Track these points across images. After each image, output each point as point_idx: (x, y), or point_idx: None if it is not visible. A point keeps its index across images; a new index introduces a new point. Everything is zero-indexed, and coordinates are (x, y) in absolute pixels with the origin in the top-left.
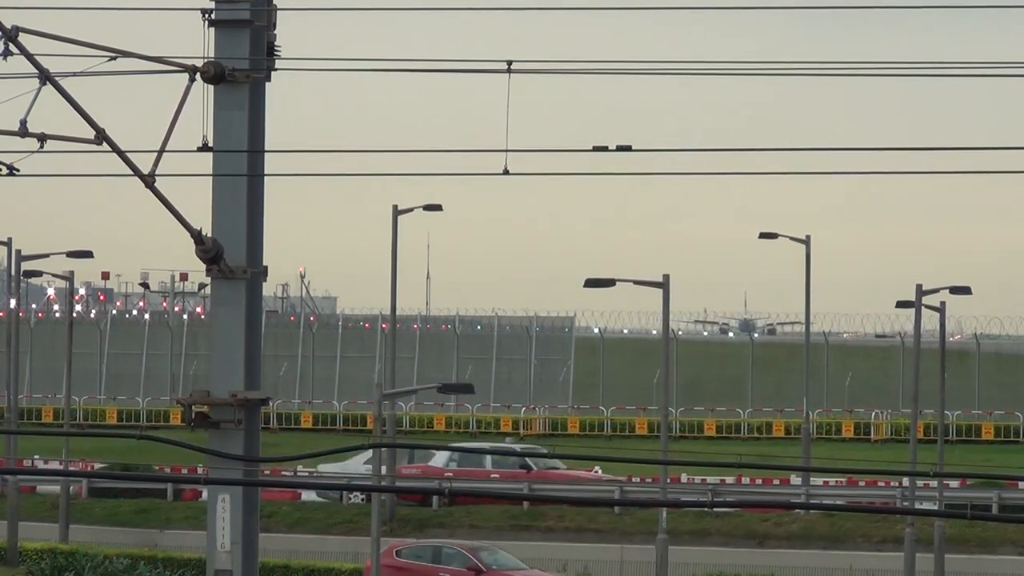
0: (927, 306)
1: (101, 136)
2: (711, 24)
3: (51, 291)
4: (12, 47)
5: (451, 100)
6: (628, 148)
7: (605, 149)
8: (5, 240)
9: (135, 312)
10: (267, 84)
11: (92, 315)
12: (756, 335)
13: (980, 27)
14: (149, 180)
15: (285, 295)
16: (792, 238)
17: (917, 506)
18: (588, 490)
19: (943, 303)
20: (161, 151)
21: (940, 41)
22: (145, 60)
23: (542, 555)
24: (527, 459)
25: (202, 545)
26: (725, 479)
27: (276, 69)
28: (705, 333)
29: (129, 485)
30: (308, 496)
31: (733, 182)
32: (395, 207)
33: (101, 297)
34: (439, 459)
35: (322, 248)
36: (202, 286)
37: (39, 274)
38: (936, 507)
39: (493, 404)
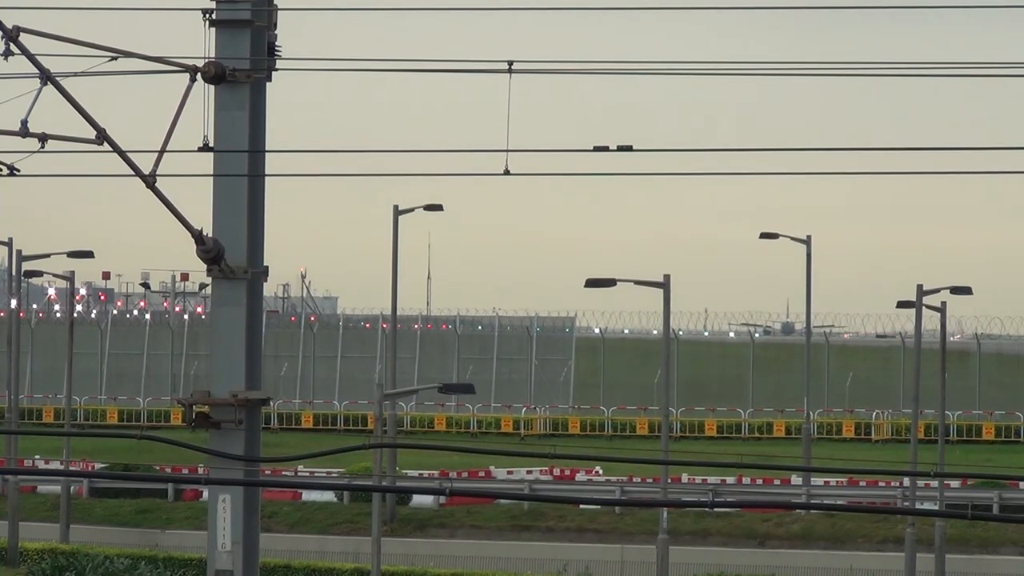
0: (928, 306)
1: (102, 136)
2: (711, 24)
3: (52, 291)
4: (13, 47)
5: (452, 100)
6: (629, 148)
7: (606, 149)
8: (6, 240)
9: (136, 312)
10: (268, 84)
11: (93, 315)
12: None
13: (980, 27)
14: (150, 180)
15: (286, 295)
16: (792, 238)
17: (918, 506)
18: (588, 490)
19: (944, 303)
20: (162, 151)
21: (940, 41)
22: (146, 60)
23: (542, 555)
24: None
25: (203, 545)
26: (726, 479)
27: (277, 69)
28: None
29: (129, 485)
30: (308, 496)
31: (733, 182)
32: (396, 207)
33: (102, 297)
34: None
35: (323, 248)
36: (203, 286)
37: (40, 274)
38: (937, 507)
39: (494, 404)
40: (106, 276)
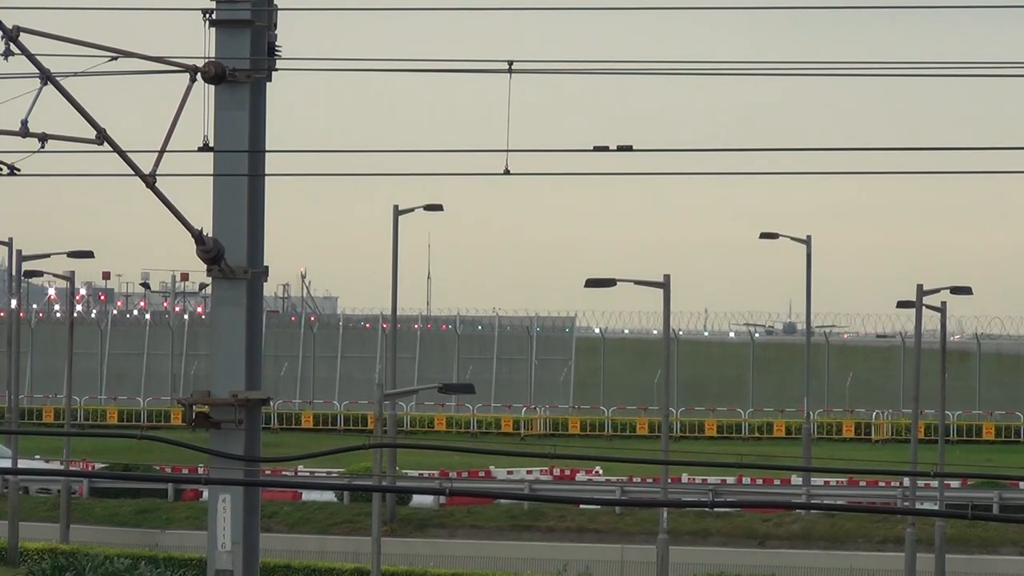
0: (928, 306)
1: (102, 136)
2: (711, 24)
3: (52, 291)
4: (13, 47)
5: (452, 100)
6: (629, 148)
7: (606, 149)
8: (6, 240)
9: (136, 312)
10: (268, 84)
11: (93, 315)
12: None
13: (979, 27)
14: (150, 180)
15: (286, 295)
16: (792, 238)
17: (918, 506)
18: (589, 490)
19: (944, 303)
20: (162, 151)
21: (940, 41)
22: (146, 60)
23: (542, 555)
24: None
25: (203, 545)
26: (726, 479)
27: (277, 69)
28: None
29: (130, 485)
30: (308, 496)
31: (733, 182)
32: (396, 207)
33: (102, 297)
34: None
35: (323, 248)
36: (203, 286)
37: (40, 274)
38: (937, 507)
39: (494, 404)
40: (106, 276)
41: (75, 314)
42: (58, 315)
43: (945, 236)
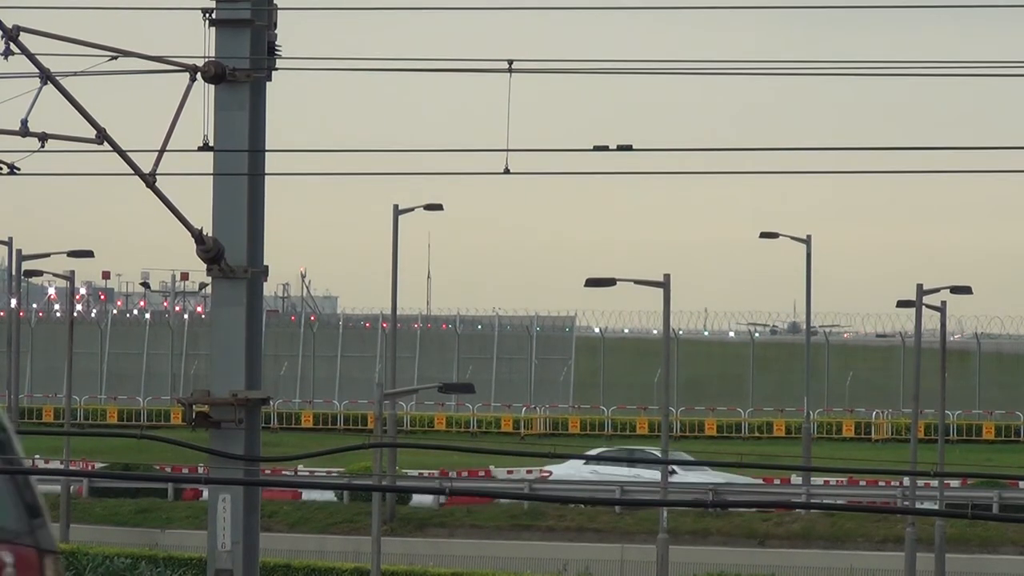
0: (928, 306)
1: (102, 135)
2: (711, 24)
3: (52, 291)
4: (13, 47)
5: (452, 100)
6: (628, 148)
7: (606, 149)
8: (6, 240)
9: (136, 312)
10: (268, 84)
11: (93, 315)
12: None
13: (979, 27)
14: (150, 180)
15: (286, 295)
16: (792, 238)
17: (918, 506)
18: (588, 490)
19: (944, 303)
20: (162, 150)
21: (939, 41)
22: (146, 60)
23: (542, 555)
24: None
25: (203, 545)
26: None
27: (277, 69)
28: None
29: (130, 485)
30: (308, 495)
31: (733, 182)
32: (396, 207)
33: (102, 297)
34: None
35: (323, 248)
36: (203, 286)
37: (40, 274)
38: (937, 507)
39: (494, 404)
40: (106, 276)
41: (75, 314)
42: (58, 315)
43: (945, 236)
